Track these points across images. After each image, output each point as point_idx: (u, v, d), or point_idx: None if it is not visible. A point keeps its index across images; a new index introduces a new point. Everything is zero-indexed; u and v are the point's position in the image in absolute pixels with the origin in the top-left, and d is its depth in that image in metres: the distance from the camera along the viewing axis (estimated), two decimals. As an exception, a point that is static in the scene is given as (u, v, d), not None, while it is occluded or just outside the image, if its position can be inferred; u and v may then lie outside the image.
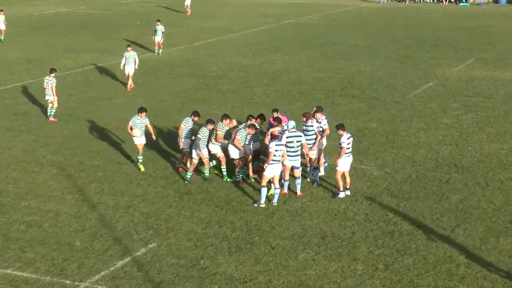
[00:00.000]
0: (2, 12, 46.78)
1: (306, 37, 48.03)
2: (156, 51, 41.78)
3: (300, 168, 20.45)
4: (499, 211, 19.31)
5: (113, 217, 19.01)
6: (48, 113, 28.44)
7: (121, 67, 33.59)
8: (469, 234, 17.90)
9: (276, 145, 19.53)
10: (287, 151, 19.88)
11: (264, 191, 19.64)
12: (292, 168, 20.29)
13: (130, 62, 33.13)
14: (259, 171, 21.78)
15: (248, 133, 21.02)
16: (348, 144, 20.07)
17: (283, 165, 19.93)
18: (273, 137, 19.97)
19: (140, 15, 59.31)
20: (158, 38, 41.31)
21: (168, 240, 17.61)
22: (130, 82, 33.43)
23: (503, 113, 28.99)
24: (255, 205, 19.74)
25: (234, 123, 22.17)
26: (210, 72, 37.00)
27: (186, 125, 21.94)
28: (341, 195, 20.16)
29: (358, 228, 18.25)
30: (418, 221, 18.68)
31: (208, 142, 21.45)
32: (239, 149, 21.04)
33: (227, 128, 21.73)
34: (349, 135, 20.26)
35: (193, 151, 21.30)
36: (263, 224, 18.54)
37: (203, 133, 21.09)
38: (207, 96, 31.97)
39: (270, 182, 20.00)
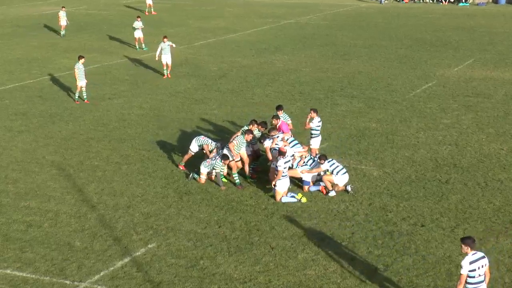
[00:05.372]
0: (64, 8, 49.02)
1: (306, 37, 47.99)
2: (138, 47, 43.16)
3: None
4: (499, 211, 19.32)
5: (113, 217, 19.02)
6: (85, 96, 30.88)
7: (156, 58, 35.48)
8: (468, 234, 17.88)
9: (285, 162, 19.95)
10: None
11: (285, 199, 19.94)
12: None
13: (166, 52, 35.15)
14: (258, 171, 21.86)
15: (246, 140, 21.14)
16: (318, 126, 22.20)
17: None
18: (281, 154, 20.08)
19: (140, 15, 59.17)
20: (139, 34, 42.95)
21: (167, 240, 17.61)
22: (168, 71, 35.37)
23: (502, 113, 28.96)
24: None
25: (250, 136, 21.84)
26: (210, 72, 36.98)
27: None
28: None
29: (357, 228, 18.26)
30: (418, 221, 18.69)
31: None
32: (232, 153, 21.04)
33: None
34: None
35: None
36: (263, 224, 18.55)
37: (220, 167, 21.01)
38: (207, 96, 31.95)
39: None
